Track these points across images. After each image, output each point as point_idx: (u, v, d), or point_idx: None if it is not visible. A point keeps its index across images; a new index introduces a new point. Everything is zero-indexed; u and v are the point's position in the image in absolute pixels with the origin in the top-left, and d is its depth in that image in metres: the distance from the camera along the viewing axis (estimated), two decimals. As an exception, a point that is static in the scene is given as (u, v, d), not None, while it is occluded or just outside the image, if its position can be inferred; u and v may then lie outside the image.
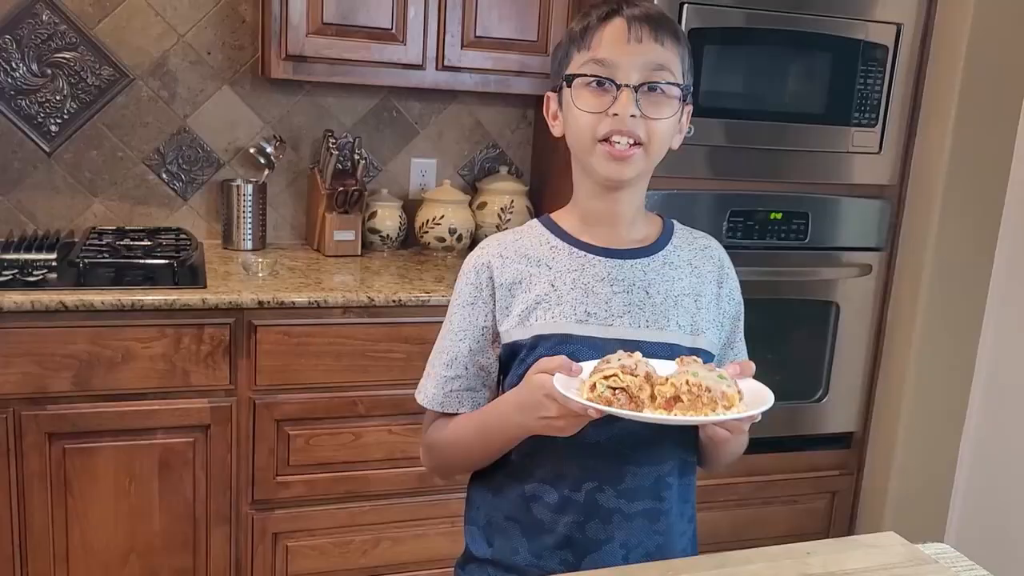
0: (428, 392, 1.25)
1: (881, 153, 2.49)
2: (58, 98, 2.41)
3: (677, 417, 1.01)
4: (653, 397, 1.02)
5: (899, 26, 2.42)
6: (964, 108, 2.42)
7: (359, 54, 2.34)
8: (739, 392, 1.03)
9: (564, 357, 1.06)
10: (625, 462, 1.18)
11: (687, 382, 1.01)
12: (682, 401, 1.01)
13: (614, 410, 1.00)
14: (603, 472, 1.18)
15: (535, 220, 1.28)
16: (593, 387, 1.02)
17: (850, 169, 2.49)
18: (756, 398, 1.04)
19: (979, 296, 2.57)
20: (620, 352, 1.06)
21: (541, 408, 1.05)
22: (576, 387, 1.04)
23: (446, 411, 1.24)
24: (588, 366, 1.06)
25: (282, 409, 2.13)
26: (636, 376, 1.02)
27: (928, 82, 2.49)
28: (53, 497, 2.00)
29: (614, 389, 1.01)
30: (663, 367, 1.06)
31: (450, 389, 1.23)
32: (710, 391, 1.00)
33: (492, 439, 1.19)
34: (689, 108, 1.21)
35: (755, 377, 1.10)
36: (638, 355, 1.05)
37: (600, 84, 1.14)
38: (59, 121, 2.43)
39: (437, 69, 2.42)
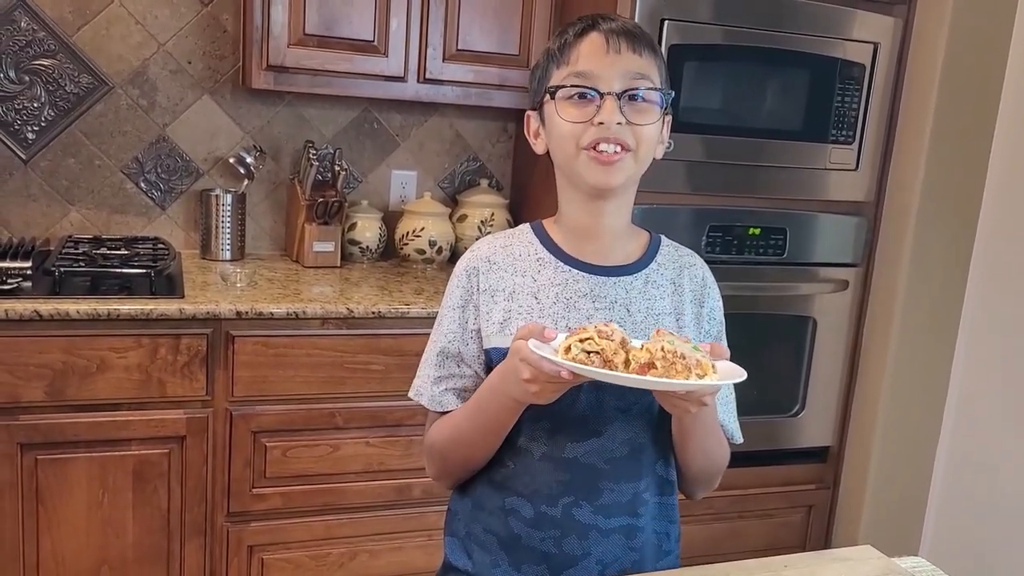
0: (421, 389, 1.25)
1: (858, 170, 2.52)
2: (35, 105, 2.40)
3: (650, 379, 0.99)
4: (627, 363, 1.02)
5: (876, 45, 2.45)
6: (939, 126, 2.46)
7: (340, 65, 2.34)
8: (712, 365, 1.03)
9: (541, 324, 1.06)
10: (601, 477, 1.18)
11: (662, 348, 1.00)
12: (656, 368, 1.00)
13: (587, 369, 0.99)
14: (580, 487, 1.18)
15: (527, 226, 1.28)
16: (568, 349, 1.01)
17: (827, 186, 2.51)
18: (729, 373, 1.04)
19: (953, 312, 2.60)
20: (596, 321, 1.06)
21: (518, 372, 1.05)
22: (552, 351, 1.03)
23: (444, 408, 1.23)
24: (564, 336, 1.05)
25: (259, 420, 2.12)
26: (611, 341, 1.01)
27: (904, 100, 2.53)
28: (24, 508, 1.97)
29: (588, 352, 1.00)
30: (639, 341, 1.06)
31: (444, 388, 1.23)
32: (684, 358, 1.00)
33: (487, 417, 1.16)
34: (669, 118, 1.22)
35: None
36: (614, 324, 1.05)
37: (583, 96, 1.14)
38: (36, 128, 2.41)
39: (418, 81, 2.43)
